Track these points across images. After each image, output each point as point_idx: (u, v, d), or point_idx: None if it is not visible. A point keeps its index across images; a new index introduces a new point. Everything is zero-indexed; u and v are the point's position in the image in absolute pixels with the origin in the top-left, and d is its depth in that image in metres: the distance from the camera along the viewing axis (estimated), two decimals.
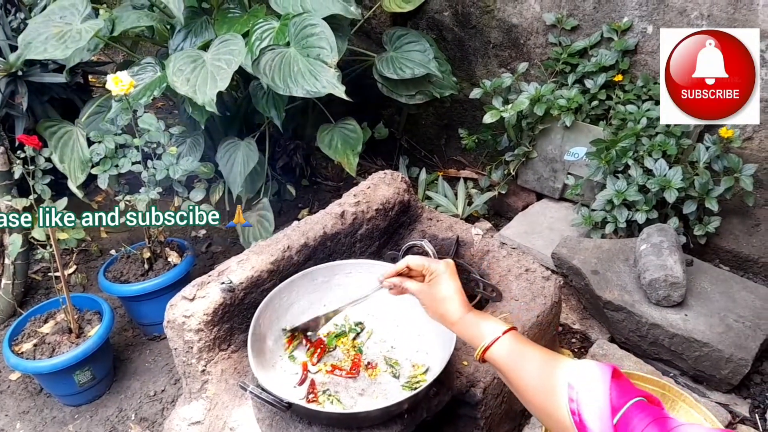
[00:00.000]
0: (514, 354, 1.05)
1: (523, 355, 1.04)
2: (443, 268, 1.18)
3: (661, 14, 2.38)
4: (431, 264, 1.19)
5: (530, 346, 1.05)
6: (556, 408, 0.94)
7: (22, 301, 2.58)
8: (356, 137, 2.66)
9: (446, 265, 1.19)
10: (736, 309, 1.96)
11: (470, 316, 1.13)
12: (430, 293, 1.18)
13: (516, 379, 1.03)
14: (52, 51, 2.15)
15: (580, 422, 0.88)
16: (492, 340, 1.06)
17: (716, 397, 1.93)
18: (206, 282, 1.52)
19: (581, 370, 0.94)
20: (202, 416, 1.47)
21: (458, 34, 3.03)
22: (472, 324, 1.12)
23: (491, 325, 1.09)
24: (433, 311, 1.19)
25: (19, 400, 2.20)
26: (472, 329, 1.11)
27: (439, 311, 1.17)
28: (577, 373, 0.94)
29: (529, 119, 2.64)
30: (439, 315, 1.17)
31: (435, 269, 1.18)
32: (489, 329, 1.09)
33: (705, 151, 2.26)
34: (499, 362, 1.05)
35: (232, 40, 2.21)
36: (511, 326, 1.09)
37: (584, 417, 0.88)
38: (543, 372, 0.99)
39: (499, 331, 1.07)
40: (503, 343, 1.06)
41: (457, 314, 1.14)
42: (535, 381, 0.99)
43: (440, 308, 1.16)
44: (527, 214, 2.74)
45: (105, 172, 2.15)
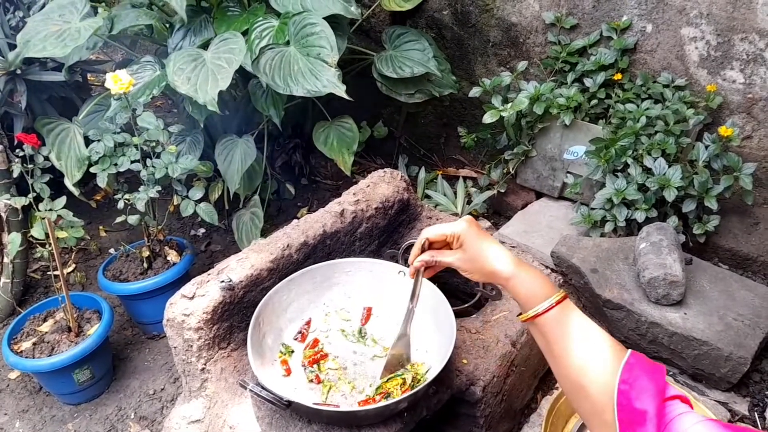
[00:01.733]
0: (563, 325, 1.01)
1: (573, 327, 1.00)
2: (467, 228, 1.12)
3: (661, 13, 2.38)
4: (452, 228, 1.12)
5: (581, 319, 1.02)
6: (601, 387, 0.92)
7: (21, 299, 2.57)
8: (352, 135, 2.66)
9: (468, 224, 1.13)
10: (735, 307, 1.96)
11: (523, 270, 1.06)
12: (469, 258, 1.11)
13: (560, 350, 0.99)
14: (51, 49, 2.15)
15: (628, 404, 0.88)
16: (547, 307, 1.01)
17: (715, 395, 1.93)
18: (206, 280, 1.52)
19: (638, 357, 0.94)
20: (201, 414, 1.47)
21: (457, 33, 3.03)
22: (527, 281, 1.05)
23: (546, 287, 1.04)
24: (480, 274, 1.12)
25: (19, 398, 2.20)
26: (526, 288, 1.05)
27: (486, 271, 1.10)
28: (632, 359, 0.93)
29: (528, 118, 2.64)
30: (487, 275, 1.10)
31: (459, 232, 1.12)
32: (544, 291, 1.03)
33: (704, 149, 2.26)
34: (547, 330, 1.01)
35: (232, 38, 2.21)
36: (564, 294, 1.04)
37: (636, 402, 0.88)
38: (592, 350, 0.97)
39: (554, 298, 1.02)
40: (557, 311, 1.02)
41: (509, 268, 1.07)
42: (581, 355, 0.97)
43: (487, 267, 1.09)
44: (526, 212, 2.74)
45: (104, 171, 2.15)
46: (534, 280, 1.05)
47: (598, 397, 0.92)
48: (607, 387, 0.91)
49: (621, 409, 0.88)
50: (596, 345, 0.98)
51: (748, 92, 2.28)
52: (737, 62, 2.27)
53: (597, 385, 0.93)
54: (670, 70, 2.45)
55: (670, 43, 2.41)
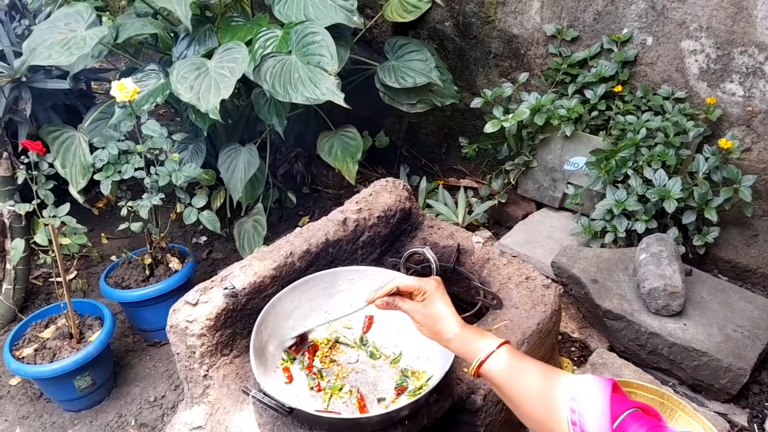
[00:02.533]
0: (510, 368, 1.06)
1: (520, 368, 1.05)
2: (434, 287, 1.20)
3: (661, 26, 2.41)
4: (421, 284, 1.20)
5: (526, 360, 1.07)
6: (556, 420, 0.94)
7: (23, 306, 2.58)
8: (356, 145, 2.67)
9: (437, 284, 1.21)
10: (734, 319, 1.97)
11: (465, 331, 1.15)
12: (424, 312, 1.19)
13: (513, 393, 1.04)
14: (57, 57, 2.17)
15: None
16: (487, 355, 1.08)
17: (715, 406, 1.94)
18: (209, 287, 1.53)
19: (583, 384, 0.95)
20: (203, 421, 1.48)
21: (459, 44, 3.05)
22: (467, 340, 1.13)
23: (485, 341, 1.11)
24: (428, 330, 1.20)
25: (19, 404, 2.20)
26: (467, 345, 1.13)
27: (434, 329, 1.18)
28: (578, 387, 0.95)
29: (529, 129, 2.66)
30: (434, 333, 1.18)
31: (426, 288, 1.20)
32: (483, 344, 1.10)
33: (704, 161, 2.28)
34: (495, 376, 1.06)
35: (235, 48, 2.23)
36: (504, 340, 1.10)
37: (586, 427, 0.89)
38: (542, 386, 1.00)
39: (494, 345, 1.08)
40: (498, 357, 1.07)
41: (453, 331, 1.15)
42: (533, 394, 1.00)
43: (435, 326, 1.18)
44: (527, 223, 2.75)
45: (108, 178, 2.16)
46: (474, 337, 1.13)
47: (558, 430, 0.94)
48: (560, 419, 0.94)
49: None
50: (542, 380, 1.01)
51: (748, 105, 2.30)
52: (737, 75, 2.29)
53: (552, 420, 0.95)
54: (670, 82, 2.47)
55: (671, 55, 2.43)
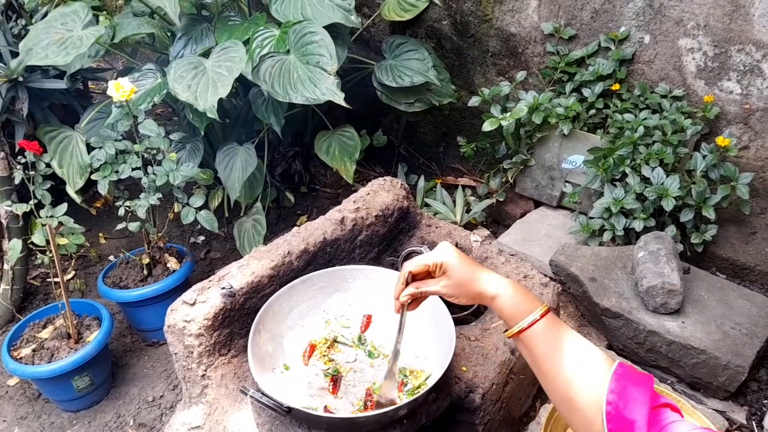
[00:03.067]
0: (549, 338, 1.02)
1: (559, 340, 1.01)
2: (449, 255, 1.12)
3: (658, 24, 2.41)
4: (432, 258, 1.13)
5: (566, 332, 1.02)
6: (589, 398, 0.93)
7: (21, 306, 2.57)
8: (354, 144, 2.67)
9: (449, 250, 1.14)
10: (732, 316, 1.97)
11: (509, 290, 1.07)
12: (453, 285, 1.12)
13: (548, 363, 1.00)
14: (54, 57, 2.16)
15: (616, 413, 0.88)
16: (530, 322, 1.03)
17: (713, 404, 1.94)
18: (207, 287, 1.53)
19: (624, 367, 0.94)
20: (201, 421, 1.47)
21: (457, 43, 3.05)
22: (512, 300, 1.06)
23: (530, 304, 1.05)
24: (466, 297, 1.12)
25: (18, 405, 2.20)
26: (510, 306, 1.06)
27: (474, 293, 1.11)
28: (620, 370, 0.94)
29: (527, 127, 2.66)
30: (474, 297, 1.11)
31: (440, 260, 1.12)
32: (529, 307, 1.04)
33: (702, 159, 2.28)
34: (533, 344, 1.02)
35: (232, 47, 2.23)
36: (548, 307, 1.05)
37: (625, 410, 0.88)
38: (582, 362, 0.97)
39: (538, 313, 1.03)
40: (541, 326, 1.03)
41: (494, 288, 1.08)
42: (568, 368, 0.97)
43: (474, 290, 1.10)
44: (525, 221, 2.75)
45: (105, 178, 2.15)
46: (518, 296, 1.06)
47: (587, 408, 0.93)
48: (595, 398, 0.92)
49: (610, 419, 0.89)
50: (583, 356, 0.99)
51: (745, 103, 2.30)
52: (734, 73, 2.29)
53: (585, 396, 0.94)
54: (668, 80, 2.47)
55: (668, 53, 2.43)
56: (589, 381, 0.95)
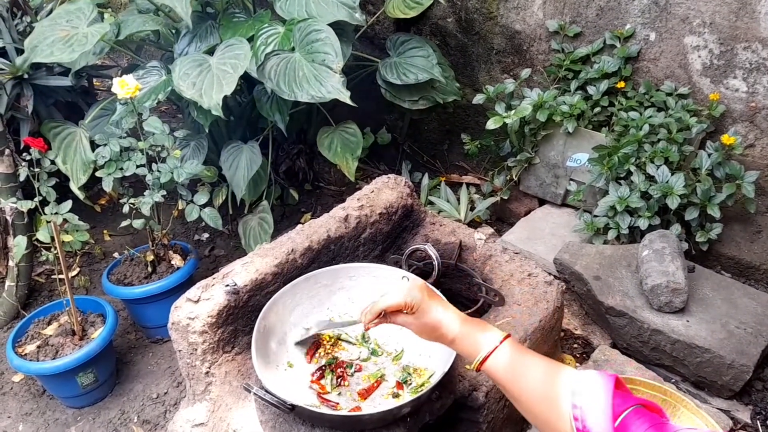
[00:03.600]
0: (513, 363, 1.04)
1: (523, 363, 1.04)
2: (419, 298, 1.17)
3: (664, 21, 2.40)
4: (407, 298, 1.17)
5: (529, 354, 1.05)
6: (558, 415, 0.94)
7: (26, 303, 2.58)
8: (356, 141, 2.67)
9: (421, 292, 1.18)
10: (737, 315, 1.97)
11: (466, 329, 1.13)
12: (419, 324, 1.17)
13: (515, 388, 1.03)
14: (59, 54, 2.17)
15: (584, 428, 0.89)
16: (489, 351, 1.06)
17: (718, 403, 1.93)
18: (211, 284, 1.53)
19: (585, 379, 0.95)
20: (205, 418, 1.48)
21: (461, 40, 3.04)
22: (468, 337, 1.11)
23: (488, 335, 1.09)
24: (427, 336, 1.18)
25: (22, 401, 2.21)
26: (468, 343, 1.11)
27: (434, 336, 1.17)
28: (581, 381, 0.94)
29: (531, 125, 2.65)
30: (435, 338, 1.17)
31: (413, 302, 1.17)
32: (486, 340, 1.08)
33: (707, 158, 2.27)
34: (498, 372, 1.05)
35: (237, 44, 2.23)
36: (507, 334, 1.09)
37: (588, 423, 0.89)
38: (545, 380, 0.99)
39: (496, 340, 1.07)
40: (501, 352, 1.06)
41: (453, 333, 1.13)
42: (536, 390, 0.99)
43: (434, 333, 1.16)
44: (529, 219, 2.75)
45: (110, 175, 2.16)
46: (476, 332, 1.11)
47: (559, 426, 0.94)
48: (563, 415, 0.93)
49: None
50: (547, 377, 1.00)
51: (751, 101, 2.29)
52: (740, 71, 2.28)
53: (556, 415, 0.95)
54: (673, 78, 2.46)
55: (673, 51, 2.42)
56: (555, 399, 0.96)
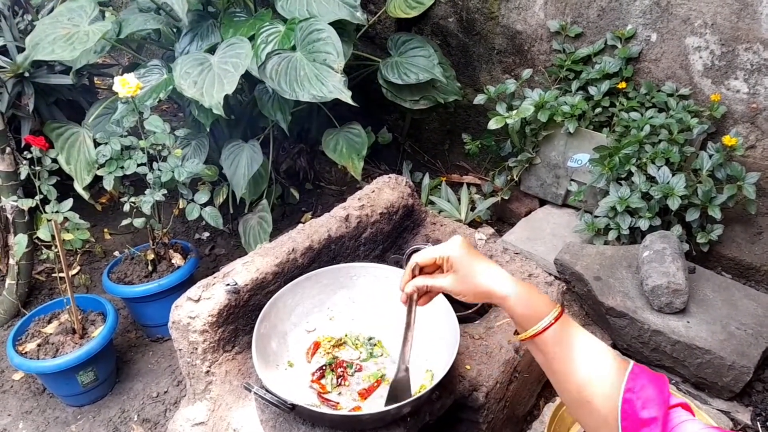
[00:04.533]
0: (562, 340, 0.99)
1: (572, 341, 0.99)
2: (458, 249, 1.07)
3: (665, 22, 2.40)
4: (442, 251, 1.08)
5: (579, 332, 1.00)
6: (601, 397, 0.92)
7: (26, 301, 2.58)
8: (361, 141, 2.67)
9: (460, 245, 1.07)
10: (738, 316, 1.97)
11: (519, 290, 1.02)
12: (462, 280, 1.06)
13: (561, 366, 0.98)
14: (60, 52, 2.16)
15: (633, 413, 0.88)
16: (546, 326, 0.98)
17: (718, 404, 1.93)
18: (211, 283, 1.53)
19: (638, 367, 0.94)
20: (205, 417, 1.48)
21: (462, 40, 3.04)
22: (524, 301, 1.01)
23: (543, 305, 1.00)
24: (474, 295, 1.06)
25: (22, 399, 2.21)
26: (523, 307, 1.01)
27: (480, 291, 1.04)
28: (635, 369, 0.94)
29: (532, 125, 2.65)
30: (483, 296, 1.05)
31: (450, 254, 1.07)
32: (542, 310, 1.00)
33: (708, 159, 2.27)
34: (547, 347, 0.99)
35: (238, 43, 2.23)
36: (561, 308, 1.01)
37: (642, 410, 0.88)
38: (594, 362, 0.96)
39: (552, 315, 0.99)
40: (556, 328, 0.99)
41: (504, 288, 1.02)
42: (582, 369, 0.96)
43: (480, 288, 1.04)
44: (530, 220, 2.75)
45: (110, 174, 2.16)
46: (531, 298, 1.01)
47: (601, 408, 0.93)
48: (610, 398, 0.92)
49: (625, 417, 0.89)
50: (596, 357, 0.97)
51: (752, 102, 2.29)
52: (741, 72, 2.28)
53: (600, 396, 0.93)
54: (675, 79, 2.46)
55: (675, 52, 2.42)
56: (603, 381, 0.94)
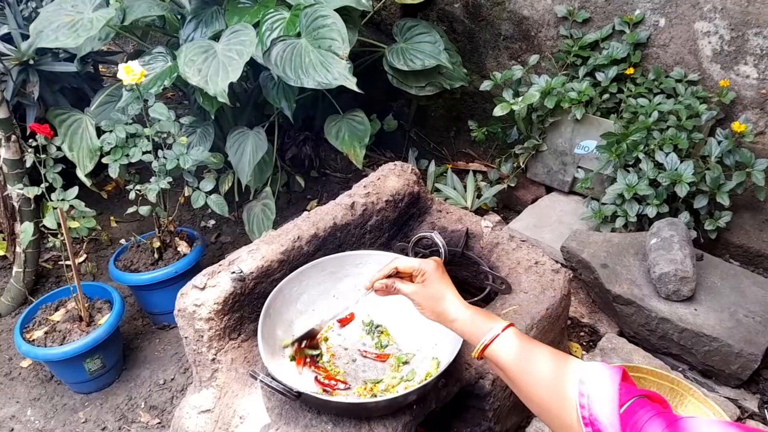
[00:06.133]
0: (517, 351, 1.04)
1: (527, 352, 1.03)
2: (433, 267, 1.18)
3: (674, 7, 2.37)
4: (421, 264, 1.19)
5: (533, 343, 1.05)
6: (563, 403, 0.93)
7: (33, 289, 2.59)
8: (364, 129, 2.65)
9: (436, 264, 1.20)
10: (746, 304, 1.96)
11: (469, 313, 1.13)
12: (425, 293, 1.18)
13: (518, 376, 1.02)
14: (64, 39, 2.16)
15: (590, 416, 0.88)
16: (492, 337, 1.06)
17: (725, 392, 1.92)
18: (217, 271, 1.53)
19: (592, 369, 0.94)
20: (212, 404, 1.48)
21: (469, 26, 3.02)
22: (471, 321, 1.12)
23: (491, 323, 1.09)
24: (430, 311, 1.18)
25: (30, 387, 2.22)
26: (471, 327, 1.11)
27: (437, 310, 1.16)
28: (588, 371, 0.94)
29: (539, 112, 2.63)
30: (437, 314, 1.17)
31: (426, 269, 1.18)
32: (489, 326, 1.08)
33: (717, 145, 2.25)
34: (500, 359, 1.05)
35: (243, 30, 2.21)
36: (509, 323, 1.08)
37: (594, 411, 0.88)
38: (551, 369, 0.98)
39: (499, 328, 1.07)
40: (504, 339, 1.05)
41: (455, 312, 1.14)
42: (540, 378, 0.99)
43: (437, 307, 1.16)
44: (536, 207, 2.73)
45: (116, 162, 2.15)
46: (476, 319, 1.11)
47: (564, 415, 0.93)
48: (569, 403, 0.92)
49: (586, 422, 0.89)
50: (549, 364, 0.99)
51: (762, 87, 2.26)
52: (751, 57, 2.25)
53: (557, 402, 0.94)
54: (683, 64, 2.43)
55: (683, 37, 2.39)
56: (558, 387, 0.95)
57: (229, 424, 1.40)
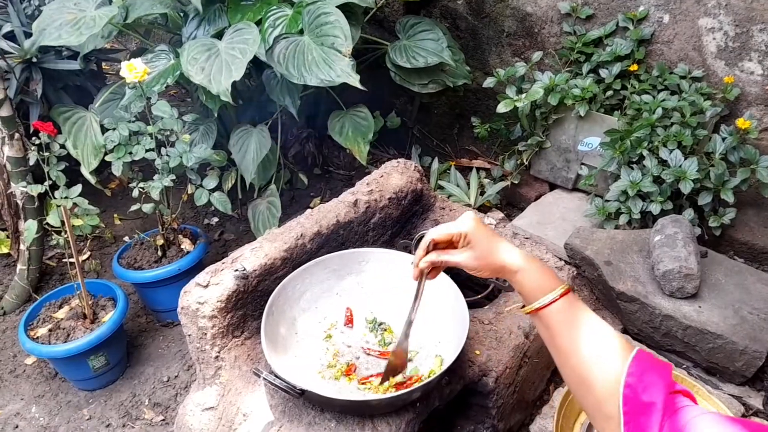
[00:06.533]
0: (568, 318, 1.00)
1: (578, 320, 0.99)
2: (474, 225, 1.09)
3: (678, 3, 2.36)
4: (458, 227, 1.09)
5: (585, 313, 1.01)
6: (605, 377, 0.92)
7: (37, 286, 2.60)
8: (367, 125, 2.65)
9: (475, 221, 1.10)
10: (750, 301, 1.95)
11: (530, 265, 1.05)
12: (476, 255, 1.08)
13: (564, 343, 0.99)
14: (67, 37, 2.16)
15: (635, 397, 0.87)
16: (551, 299, 1.01)
17: (729, 389, 1.92)
18: (220, 269, 1.53)
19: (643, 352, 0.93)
20: (215, 402, 1.48)
21: (472, 23, 3.01)
22: (535, 272, 1.04)
23: (551, 281, 1.03)
24: (488, 270, 1.09)
25: (35, 384, 2.23)
26: (532, 282, 1.04)
27: (496, 266, 1.07)
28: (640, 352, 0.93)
29: (542, 109, 2.62)
30: (497, 270, 1.08)
31: (466, 230, 1.08)
32: (550, 285, 1.02)
33: (721, 142, 2.24)
34: (551, 323, 1.01)
35: (246, 28, 2.21)
36: (569, 285, 1.03)
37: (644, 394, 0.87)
38: (598, 343, 0.96)
39: (558, 291, 1.01)
40: (559, 303, 1.01)
41: (517, 261, 1.05)
42: (586, 349, 0.96)
43: (496, 262, 1.07)
44: (540, 204, 2.73)
45: (119, 159, 2.16)
46: (540, 273, 1.04)
47: (603, 389, 0.92)
48: (612, 380, 0.91)
49: (626, 401, 0.88)
50: (601, 338, 0.97)
51: (767, 84, 2.25)
52: (756, 53, 2.24)
53: (602, 377, 0.93)
54: (687, 61, 2.42)
55: (688, 33, 2.38)
56: (606, 363, 0.93)
57: (232, 422, 1.40)
